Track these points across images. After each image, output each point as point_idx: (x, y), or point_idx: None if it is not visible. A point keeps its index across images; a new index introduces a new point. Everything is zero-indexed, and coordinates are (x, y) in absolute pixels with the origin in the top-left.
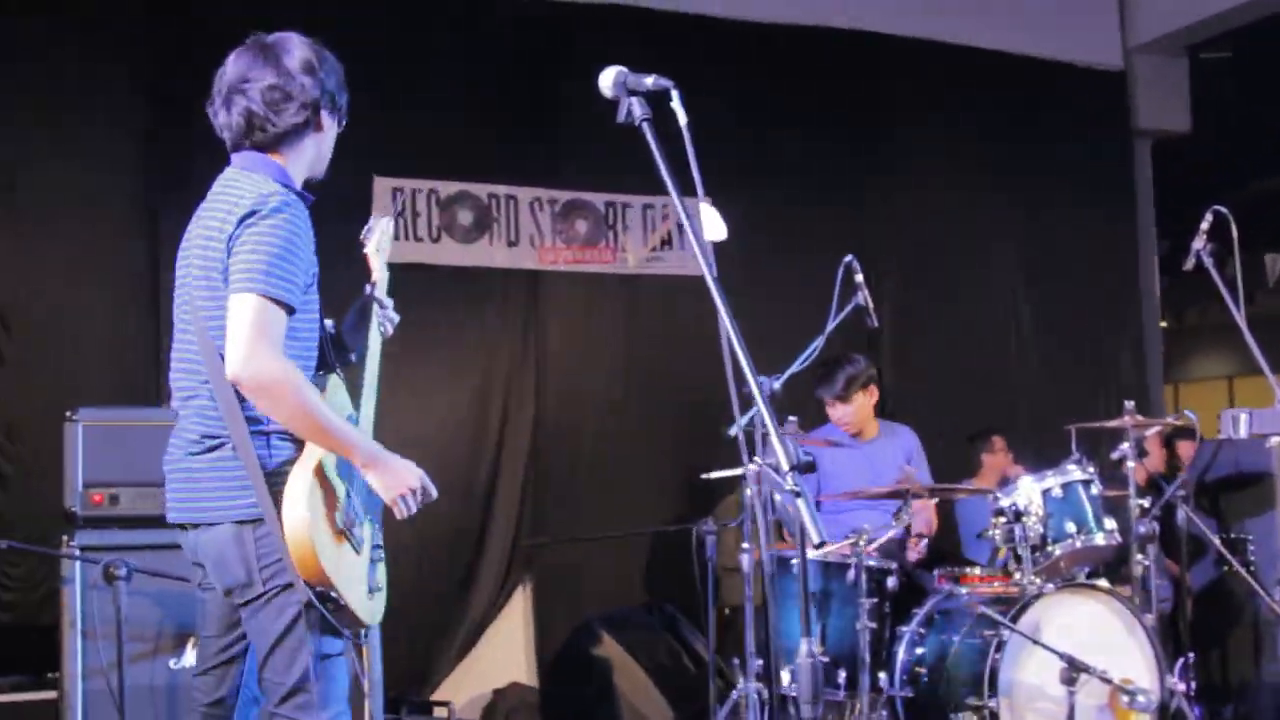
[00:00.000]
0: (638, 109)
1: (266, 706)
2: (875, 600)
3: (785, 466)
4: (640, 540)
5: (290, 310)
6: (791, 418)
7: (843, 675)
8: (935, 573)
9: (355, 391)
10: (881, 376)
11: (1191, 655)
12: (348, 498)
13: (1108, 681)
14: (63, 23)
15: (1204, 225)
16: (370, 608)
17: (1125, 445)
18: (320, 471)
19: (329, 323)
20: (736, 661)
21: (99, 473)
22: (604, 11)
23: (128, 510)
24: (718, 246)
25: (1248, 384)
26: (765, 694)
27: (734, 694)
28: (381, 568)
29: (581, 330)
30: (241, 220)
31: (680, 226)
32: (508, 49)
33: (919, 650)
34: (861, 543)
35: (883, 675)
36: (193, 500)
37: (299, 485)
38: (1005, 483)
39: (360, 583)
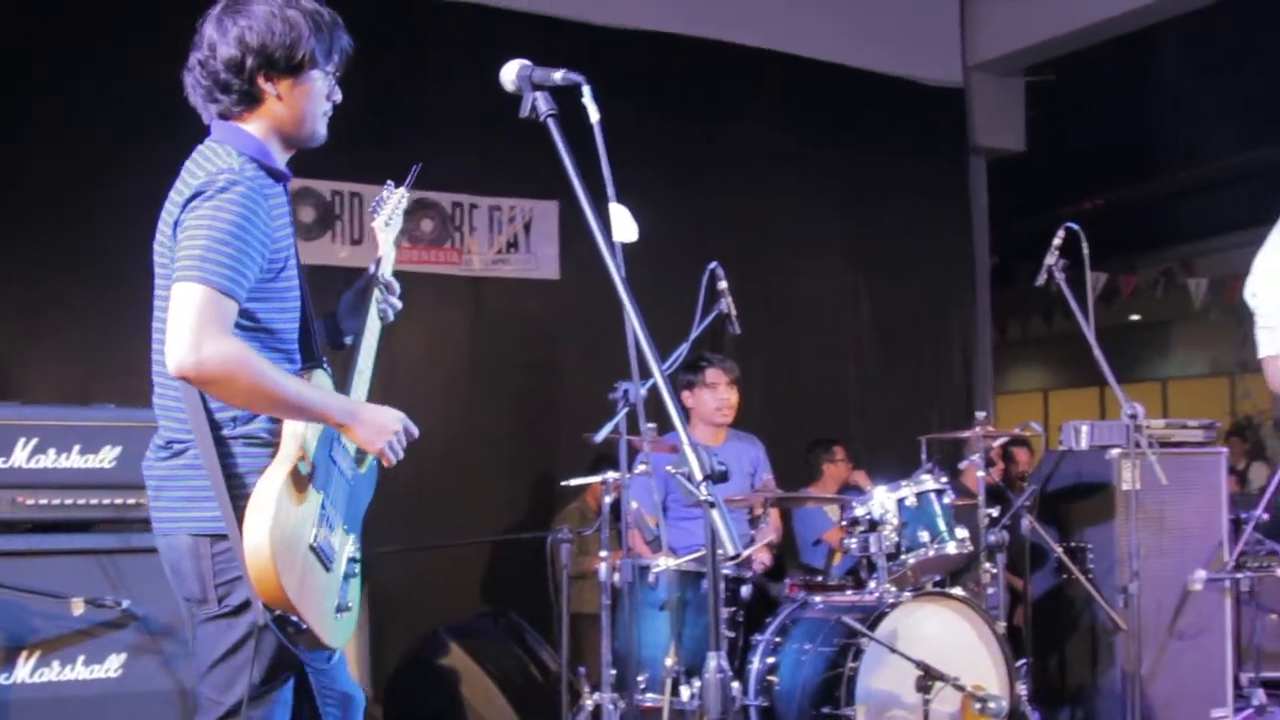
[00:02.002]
0: (543, 104)
1: None
2: (731, 609)
3: (699, 475)
4: (479, 548)
5: (236, 300)
6: (650, 424)
7: (696, 684)
8: (786, 581)
9: (346, 378)
10: None
11: (1030, 660)
12: (321, 509)
13: (960, 689)
14: None
15: (1056, 241)
16: (336, 629)
17: (975, 455)
18: (291, 481)
19: None
20: (583, 670)
21: None
22: (453, 9)
23: None
24: (565, 252)
25: (1062, 397)
26: (620, 704)
27: (587, 704)
28: (355, 584)
29: (426, 332)
30: (186, 204)
31: (527, 228)
32: (354, 43)
33: (771, 660)
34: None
35: (736, 685)
36: (156, 508)
37: (264, 499)
38: (846, 490)
39: (328, 603)
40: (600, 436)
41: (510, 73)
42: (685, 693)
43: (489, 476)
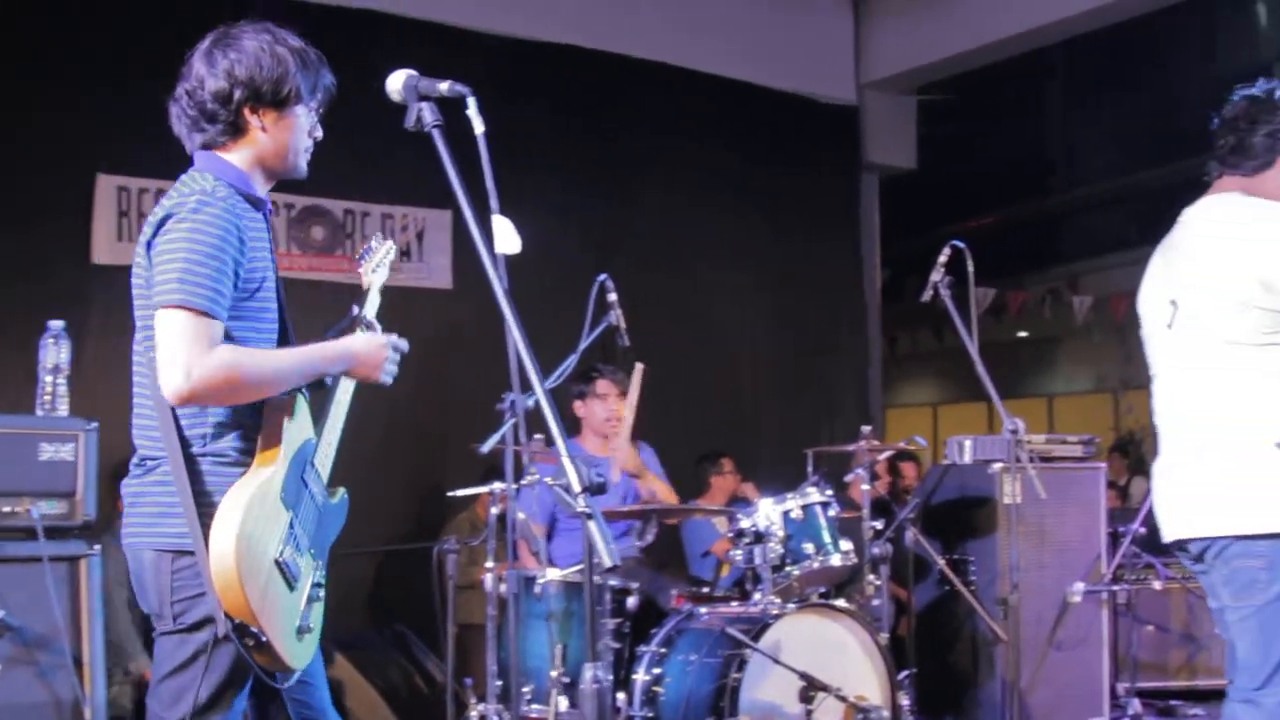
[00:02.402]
0: (429, 115)
1: None
2: (617, 620)
3: (577, 488)
4: (368, 559)
5: (217, 319)
6: (537, 435)
7: (620, 696)
8: (673, 593)
9: (324, 409)
10: None
11: (913, 671)
12: (290, 528)
13: (843, 700)
14: None
15: (942, 258)
16: (297, 650)
17: (860, 469)
18: (261, 498)
19: None
20: (470, 681)
21: None
22: (351, 15)
23: None
24: (458, 261)
25: (951, 411)
26: (505, 715)
27: (473, 715)
28: (319, 608)
29: (315, 340)
30: (159, 226)
31: (420, 237)
32: None
33: (657, 670)
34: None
35: (621, 696)
36: (127, 523)
37: (231, 509)
38: (734, 502)
39: (289, 621)
40: (487, 447)
41: (396, 83)
42: (563, 703)
43: (380, 486)
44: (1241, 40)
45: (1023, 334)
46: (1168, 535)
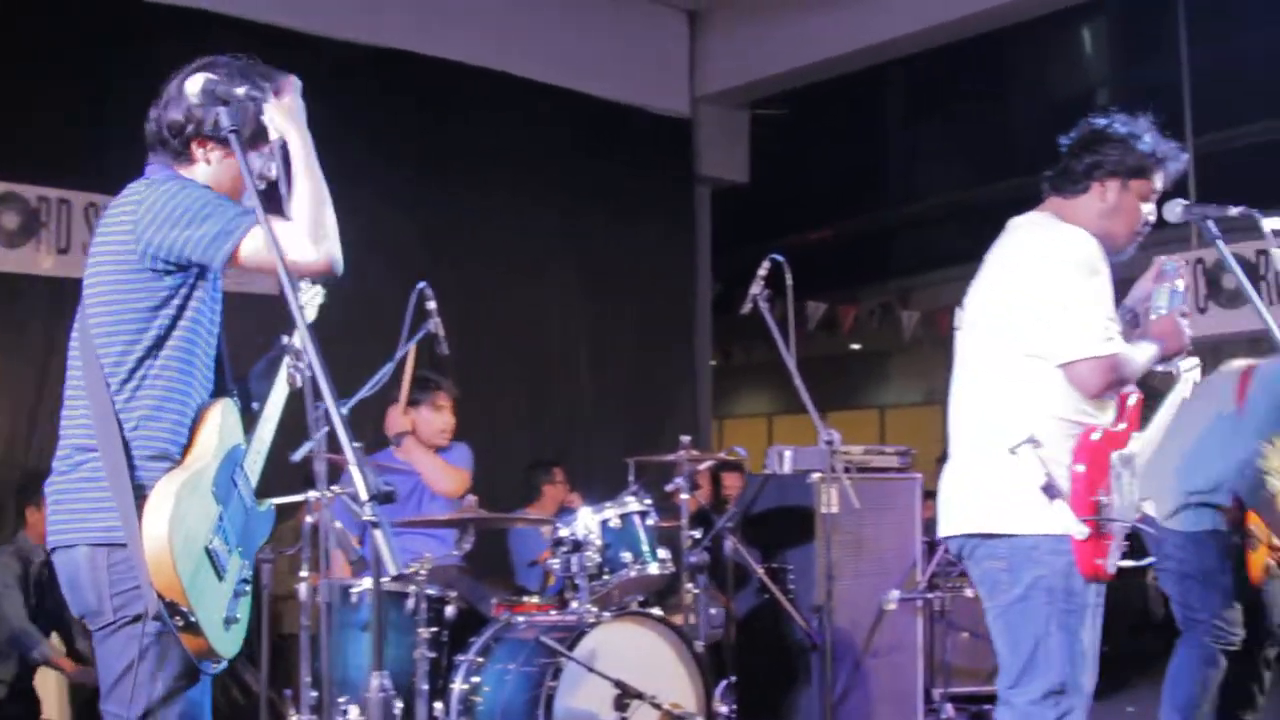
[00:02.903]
0: (226, 119)
1: None
2: (434, 629)
3: (364, 496)
4: None
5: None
6: (357, 444)
7: (399, 706)
8: (494, 601)
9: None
10: None
11: (733, 679)
12: (219, 520)
13: (657, 707)
14: None
15: (762, 272)
16: (224, 638)
17: (679, 478)
18: (193, 487)
19: None
20: (288, 692)
21: None
22: (167, 13)
23: None
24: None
25: (785, 421)
26: None
27: None
28: (245, 601)
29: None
30: (139, 204)
31: None
32: (64, 44)
33: (475, 679)
34: (421, 571)
35: (439, 705)
36: (54, 522)
37: (164, 495)
38: (563, 512)
39: (217, 609)
40: (298, 455)
41: (195, 86)
42: (354, 711)
43: None
44: (1071, 64)
45: (855, 347)
46: (939, 532)
